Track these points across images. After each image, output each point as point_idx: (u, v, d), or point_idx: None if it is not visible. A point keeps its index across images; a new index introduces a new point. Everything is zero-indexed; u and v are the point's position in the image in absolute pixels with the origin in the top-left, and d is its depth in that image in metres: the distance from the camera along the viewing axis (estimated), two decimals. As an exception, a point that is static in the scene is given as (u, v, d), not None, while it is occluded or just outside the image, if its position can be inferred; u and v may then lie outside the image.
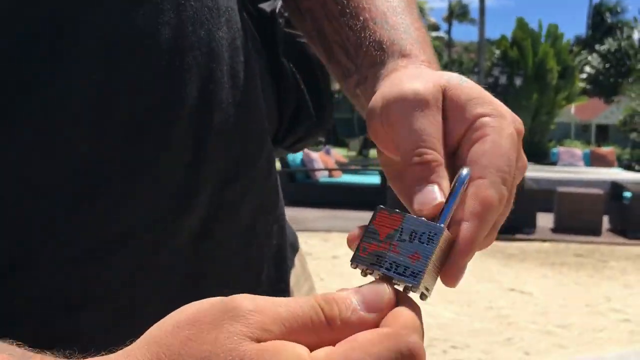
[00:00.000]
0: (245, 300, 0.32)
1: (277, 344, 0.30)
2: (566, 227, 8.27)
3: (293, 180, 10.59)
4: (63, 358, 0.33)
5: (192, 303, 0.33)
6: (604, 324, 4.70)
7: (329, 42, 0.61)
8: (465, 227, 0.38)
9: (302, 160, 10.75)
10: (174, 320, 0.32)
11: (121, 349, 0.33)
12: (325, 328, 0.32)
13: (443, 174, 0.41)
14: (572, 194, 8.47)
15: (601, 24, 48.66)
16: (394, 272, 0.36)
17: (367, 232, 0.38)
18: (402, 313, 0.33)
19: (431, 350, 4.08)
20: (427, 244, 0.36)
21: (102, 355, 0.33)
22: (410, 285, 0.36)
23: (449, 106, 0.44)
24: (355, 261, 0.38)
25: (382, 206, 0.38)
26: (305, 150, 11.72)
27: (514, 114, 0.45)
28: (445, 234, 0.37)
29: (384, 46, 0.54)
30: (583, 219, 8.24)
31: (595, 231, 8.21)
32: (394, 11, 0.56)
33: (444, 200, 0.39)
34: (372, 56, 0.54)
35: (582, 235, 8.02)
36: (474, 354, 4.06)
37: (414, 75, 0.46)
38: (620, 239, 7.99)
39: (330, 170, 11.11)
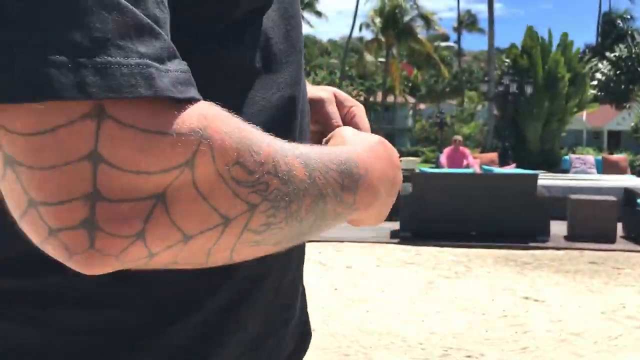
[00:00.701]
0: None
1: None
2: (580, 234, 8.24)
3: (305, 192, 10.60)
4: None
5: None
6: (619, 331, 4.68)
7: None
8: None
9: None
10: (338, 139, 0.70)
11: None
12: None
13: None
14: (585, 201, 8.44)
15: (611, 32, 48.51)
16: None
17: None
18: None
19: (446, 360, 4.08)
20: None
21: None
22: None
23: (336, 101, 0.84)
24: None
25: None
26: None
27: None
28: None
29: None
30: (597, 226, 8.21)
31: (609, 238, 8.18)
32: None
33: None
34: None
35: (596, 243, 7.99)
36: (489, 362, 4.05)
37: (320, 89, 0.84)
38: (635, 246, 7.95)
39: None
